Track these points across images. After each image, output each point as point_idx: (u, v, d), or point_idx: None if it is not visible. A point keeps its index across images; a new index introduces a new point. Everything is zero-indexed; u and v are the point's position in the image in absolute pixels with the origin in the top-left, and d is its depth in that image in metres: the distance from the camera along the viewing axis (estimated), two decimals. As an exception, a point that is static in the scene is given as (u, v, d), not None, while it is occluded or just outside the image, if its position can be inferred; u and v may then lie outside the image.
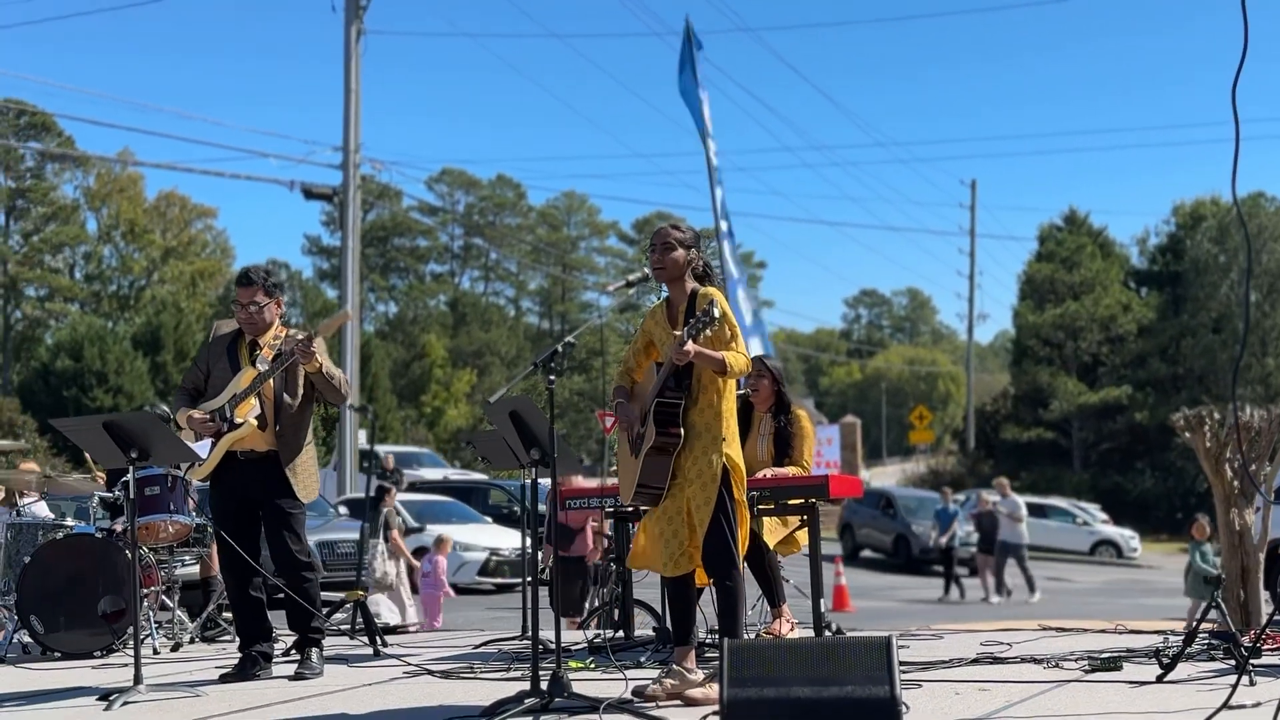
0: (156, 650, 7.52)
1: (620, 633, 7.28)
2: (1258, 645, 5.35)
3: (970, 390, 55.23)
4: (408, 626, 11.05)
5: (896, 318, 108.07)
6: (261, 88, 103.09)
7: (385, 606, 10.32)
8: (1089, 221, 52.83)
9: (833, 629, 6.78)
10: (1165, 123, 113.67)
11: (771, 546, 6.78)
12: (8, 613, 7.84)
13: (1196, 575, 13.98)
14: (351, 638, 8.03)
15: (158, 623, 7.95)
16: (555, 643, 5.14)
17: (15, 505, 8.92)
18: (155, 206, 59.54)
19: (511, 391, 5.68)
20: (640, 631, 7.49)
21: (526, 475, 5.89)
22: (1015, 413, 50.27)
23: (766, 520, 6.69)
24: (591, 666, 6.19)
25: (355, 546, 13.91)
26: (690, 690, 5.07)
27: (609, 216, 78.01)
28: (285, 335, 6.30)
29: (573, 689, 4.94)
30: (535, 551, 6.31)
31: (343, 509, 19.67)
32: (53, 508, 9.25)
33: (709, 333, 5.07)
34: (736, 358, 5.14)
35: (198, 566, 8.97)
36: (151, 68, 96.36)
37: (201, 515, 7.94)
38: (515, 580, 17.99)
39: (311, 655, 6.29)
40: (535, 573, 6.25)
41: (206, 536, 8.38)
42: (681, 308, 5.32)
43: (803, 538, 6.88)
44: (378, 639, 7.46)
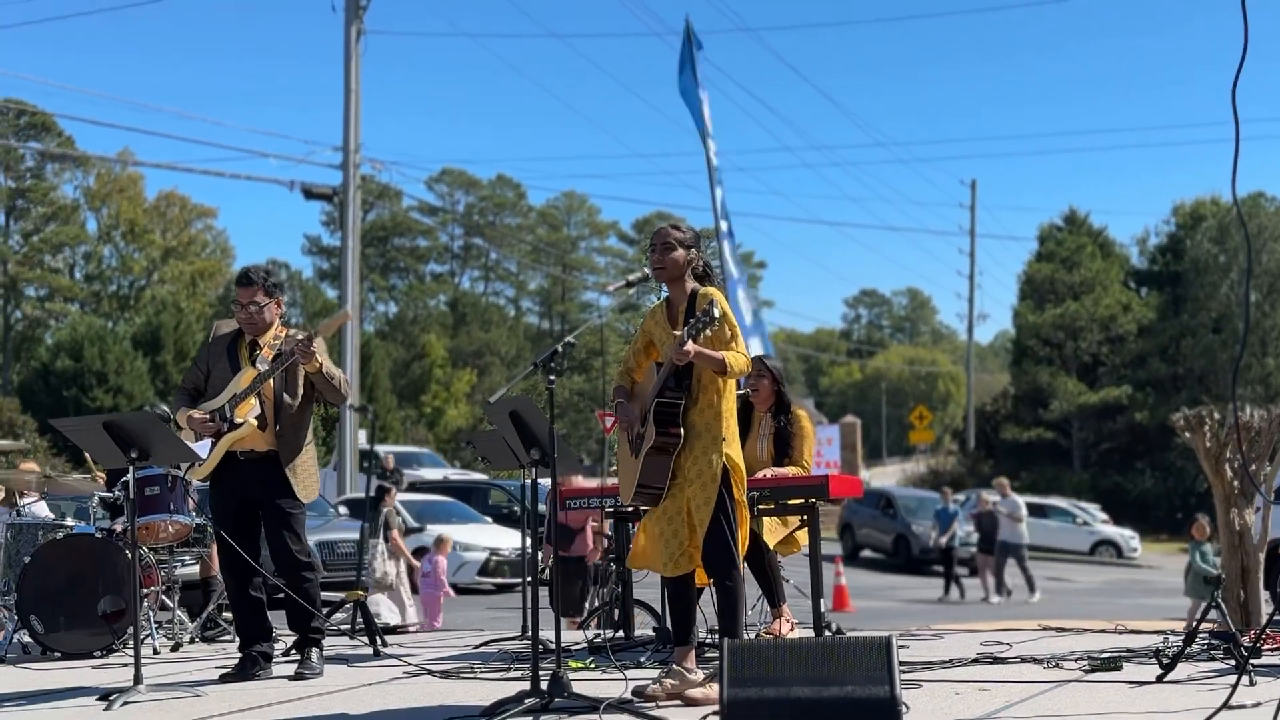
0: (156, 650, 7.52)
1: (620, 633, 7.28)
2: (1258, 645, 5.35)
3: (970, 390, 55.24)
4: (408, 626, 11.05)
5: (896, 318, 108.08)
6: (261, 88, 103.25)
7: (385, 606, 10.32)
8: (1089, 221, 52.85)
9: (833, 629, 6.78)
10: (1165, 123, 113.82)
11: (771, 546, 6.78)
12: (8, 613, 7.84)
13: (1197, 575, 13.98)
14: (351, 638, 8.03)
15: (158, 623, 7.95)
16: (555, 643, 5.14)
17: (15, 505, 8.93)
18: (155, 206, 59.57)
19: (511, 391, 5.68)
20: (640, 631, 7.49)
21: (526, 475, 5.88)
22: (1015, 413, 50.28)
23: (766, 520, 6.69)
24: (591, 666, 6.19)
25: (355, 546, 13.92)
26: (690, 690, 5.06)
27: (609, 216, 78.13)
28: (285, 335, 6.30)
29: (573, 689, 4.94)
30: (535, 551, 6.31)
31: (343, 509, 19.68)
32: (53, 508, 9.25)
33: (709, 333, 5.07)
34: (736, 358, 5.14)
35: (198, 566, 8.97)
36: (151, 68, 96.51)
37: (201, 515, 7.94)
38: (515, 580, 17.99)
39: (311, 655, 6.29)
40: (535, 573, 6.25)
41: (206, 536, 8.38)
42: (681, 308, 5.32)
43: (803, 538, 6.88)
44: (378, 639, 7.46)
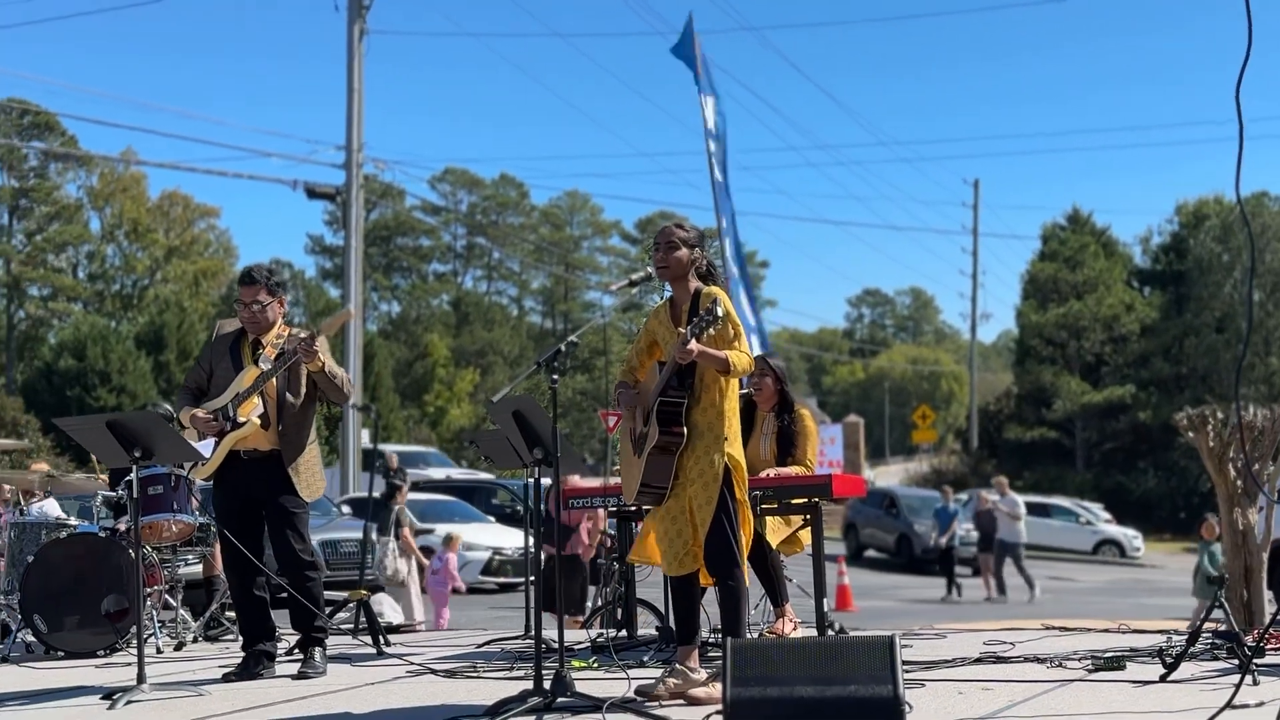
0: (160, 649, 7.53)
1: (623, 632, 7.28)
2: (1261, 645, 5.34)
3: (973, 390, 55.21)
4: (414, 625, 11.04)
5: (900, 317, 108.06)
6: (264, 87, 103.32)
7: (388, 606, 10.29)
8: (1092, 221, 52.79)
9: (835, 628, 6.77)
10: (1168, 121, 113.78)
11: (775, 546, 6.77)
12: (12, 612, 7.84)
13: (1205, 575, 13.96)
14: (354, 637, 8.03)
15: (161, 622, 7.95)
16: (558, 642, 5.14)
17: (19, 505, 8.93)
18: (158, 206, 59.61)
19: (514, 391, 5.68)
20: (643, 631, 7.48)
21: (529, 475, 5.88)
22: (1018, 412, 50.24)
23: (769, 519, 6.69)
24: (594, 666, 6.19)
25: (358, 545, 13.95)
26: (693, 689, 5.06)
27: (612, 215, 78.15)
28: (288, 334, 6.30)
29: (576, 688, 4.94)
30: (539, 551, 6.31)
31: (346, 508, 19.69)
32: (63, 506, 9.24)
33: (712, 331, 5.07)
34: (740, 357, 5.14)
35: (201, 566, 8.97)
36: (155, 67, 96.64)
37: (205, 514, 7.94)
38: (518, 579, 18.01)
39: (315, 654, 6.29)
40: (539, 572, 6.25)
41: (209, 535, 8.38)
42: (685, 307, 5.32)
43: (805, 537, 6.88)
44: (380, 638, 7.46)
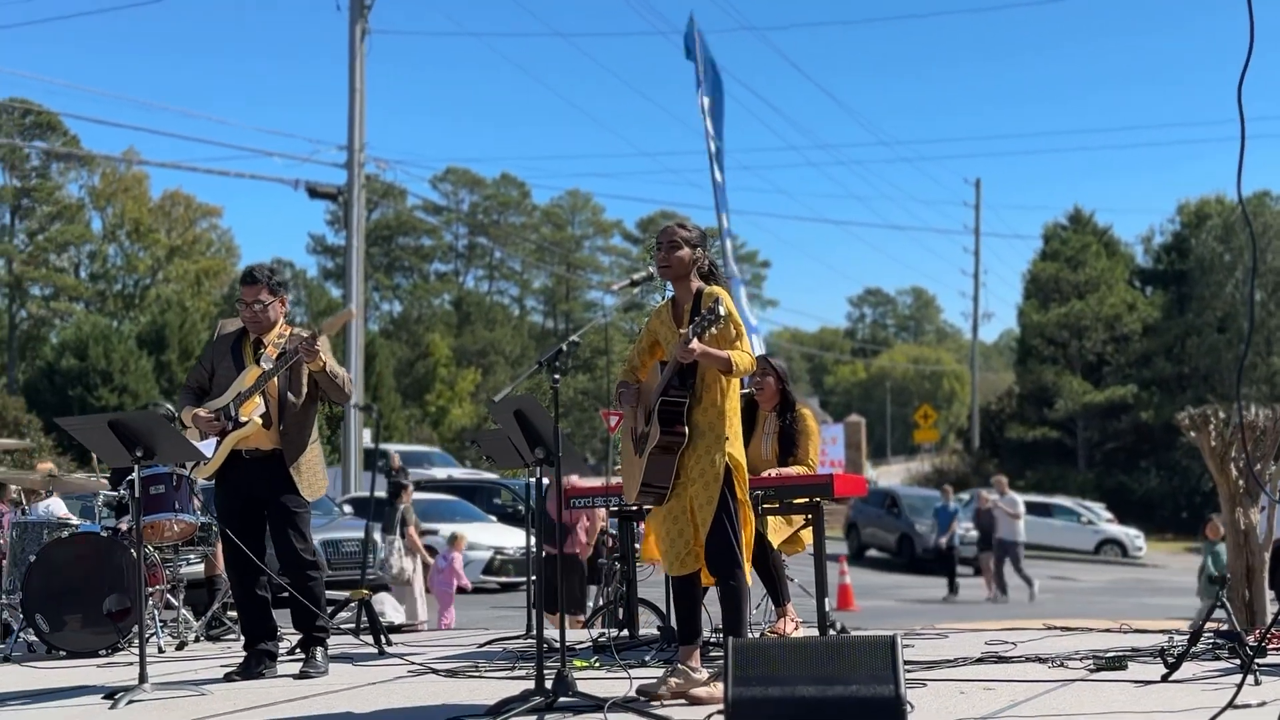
0: (161, 649, 7.53)
1: (625, 632, 7.28)
2: (1263, 645, 5.34)
3: (975, 389, 55.19)
4: (416, 625, 11.04)
5: (901, 316, 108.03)
6: (266, 87, 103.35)
7: (390, 605, 10.30)
8: (1094, 220, 52.78)
9: (837, 628, 6.77)
10: (1170, 121, 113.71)
11: (776, 546, 6.77)
12: (13, 611, 7.84)
13: (1207, 575, 13.95)
14: (356, 637, 8.03)
15: (163, 621, 7.96)
16: (560, 642, 5.14)
17: (21, 505, 8.94)
18: (160, 205, 59.64)
19: (516, 390, 5.68)
20: (645, 630, 7.48)
21: (530, 474, 5.88)
22: (1020, 412, 50.23)
23: (771, 519, 6.69)
24: (596, 665, 6.19)
25: (360, 545, 13.96)
26: (695, 689, 5.06)
27: (613, 215, 78.22)
28: (289, 334, 6.30)
29: (577, 688, 4.94)
30: (540, 551, 6.31)
31: (347, 508, 19.71)
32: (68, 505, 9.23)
33: (714, 331, 5.07)
34: (742, 356, 5.14)
35: (202, 565, 8.97)
36: (156, 67, 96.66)
37: (206, 514, 7.94)
38: (520, 579, 18.02)
39: (316, 654, 6.29)
40: (541, 572, 6.25)
41: (211, 535, 8.38)
42: (687, 307, 5.31)
43: (807, 536, 6.88)
44: (382, 638, 7.46)
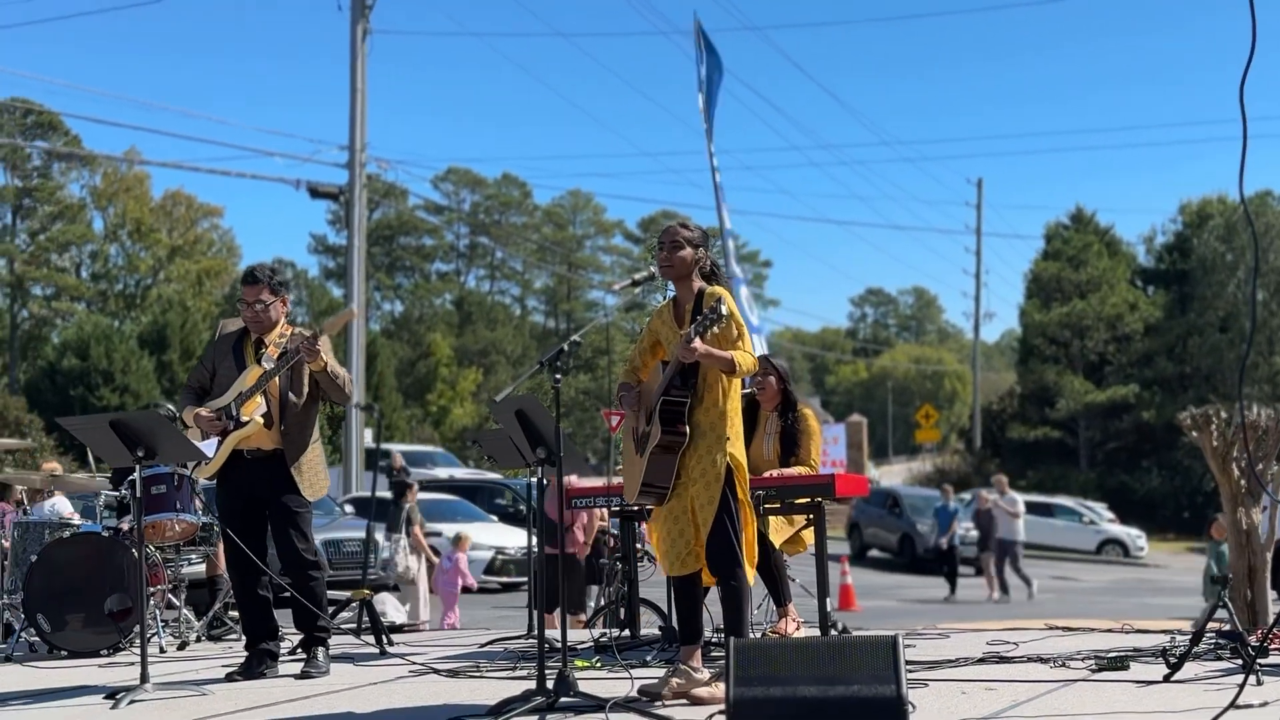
0: (163, 649, 7.53)
1: (626, 632, 7.28)
2: (1265, 645, 5.33)
3: (976, 389, 55.16)
4: (418, 625, 11.02)
5: (903, 316, 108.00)
6: (268, 87, 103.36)
7: (391, 605, 10.29)
8: (1096, 220, 52.75)
9: (838, 628, 6.77)
10: (1172, 121, 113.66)
11: (778, 546, 6.77)
12: (15, 611, 7.85)
13: (1210, 575, 13.96)
14: (357, 636, 8.03)
15: (164, 621, 7.96)
16: (561, 641, 5.13)
17: (23, 504, 8.94)
18: (161, 205, 59.65)
19: (517, 390, 5.68)
20: (646, 630, 7.48)
21: (531, 474, 5.87)
22: (1022, 411, 50.20)
23: (772, 519, 6.68)
24: (597, 665, 6.19)
25: (362, 545, 13.97)
26: (696, 689, 5.06)
27: (614, 215, 78.26)
28: (291, 334, 6.30)
29: (579, 688, 4.94)
30: (542, 551, 6.31)
31: (349, 508, 19.71)
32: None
33: (716, 330, 5.06)
34: (744, 356, 5.13)
35: (204, 565, 8.97)
36: (158, 67, 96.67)
37: (208, 514, 7.94)
38: (521, 579, 18.02)
39: (317, 654, 6.29)
40: (543, 572, 6.25)
41: (213, 535, 8.38)
42: (688, 306, 5.31)
43: (808, 536, 6.87)
44: (383, 638, 7.46)
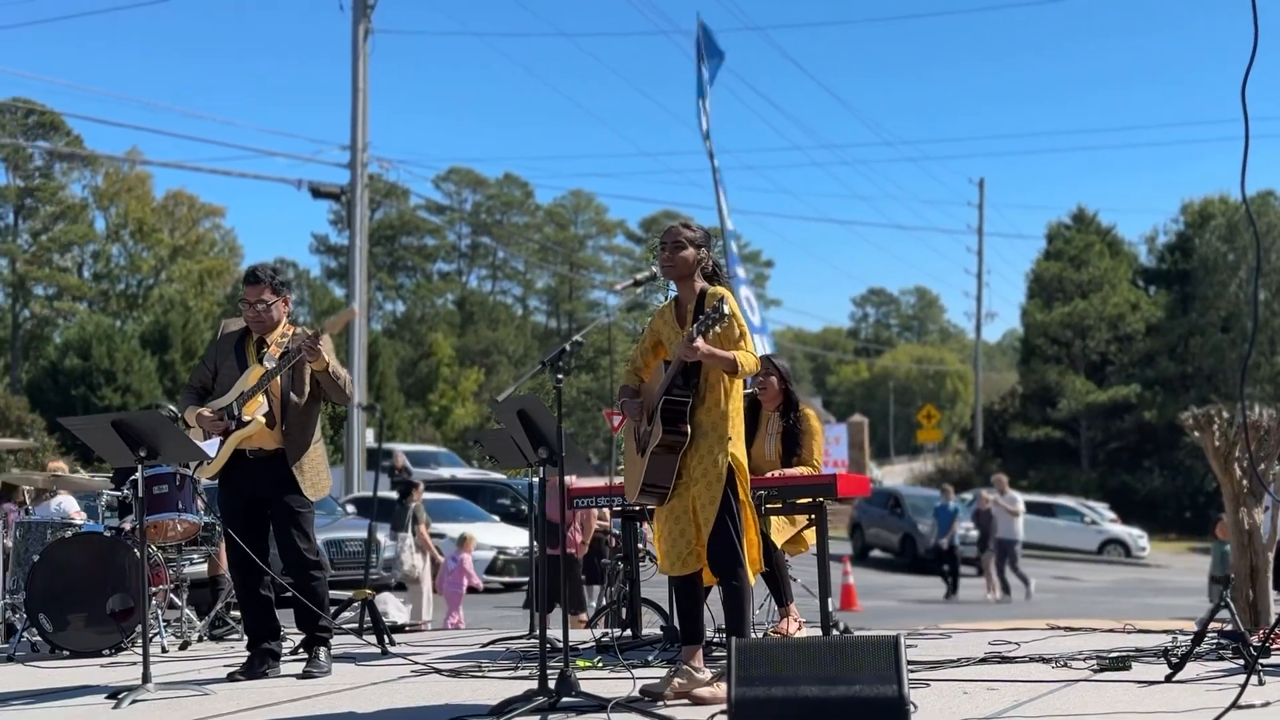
0: (165, 649, 7.53)
1: (628, 631, 7.27)
2: (1267, 645, 5.33)
3: (978, 389, 55.13)
4: (420, 625, 11.02)
5: (904, 316, 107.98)
6: (269, 87, 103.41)
7: (393, 605, 10.29)
8: (1097, 220, 52.75)
9: (840, 628, 6.77)
10: (1174, 120, 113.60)
11: (779, 546, 6.77)
12: (17, 611, 7.85)
13: (1212, 575, 13.96)
14: (359, 636, 8.03)
15: (166, 621, 7.96)
16: (563, 642, 5.13)
17: (25, 505, 8.95)
18: (163, 205, 59.67)
19: (519, 390, 5.68)
20: (648, 630, 7.48)
21: (533, 474, 5.87)
22: (1023, 411, 50.19)
23: (774, 519, 6.68)
24: (599, 665, 6.19)
25: (363, 545, 13.98)
26: (698, 689, 5.06)
27: (616, 215, 78.31)
28: (292, 334, 6.30)
29: (580, 688, 4.94)
30: (544, 551, 6.31)
31: (350, 507, 19.71)
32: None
33: (718, 330, 5.07)
34: (746, 357, 5.13)
35: (206, 565, 8.97)
36: (160, 67, 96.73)
37: (210, 514, 7.95)
38: (523, 579, 18.01)
39: (319, 654, 6.29)
40: (544, 572, 6.25)
41: (215, 535, 8.38)
42: (690, 306, 5.31)
43: (810, 537, 6.87)
44: (385, 638, 7.46)
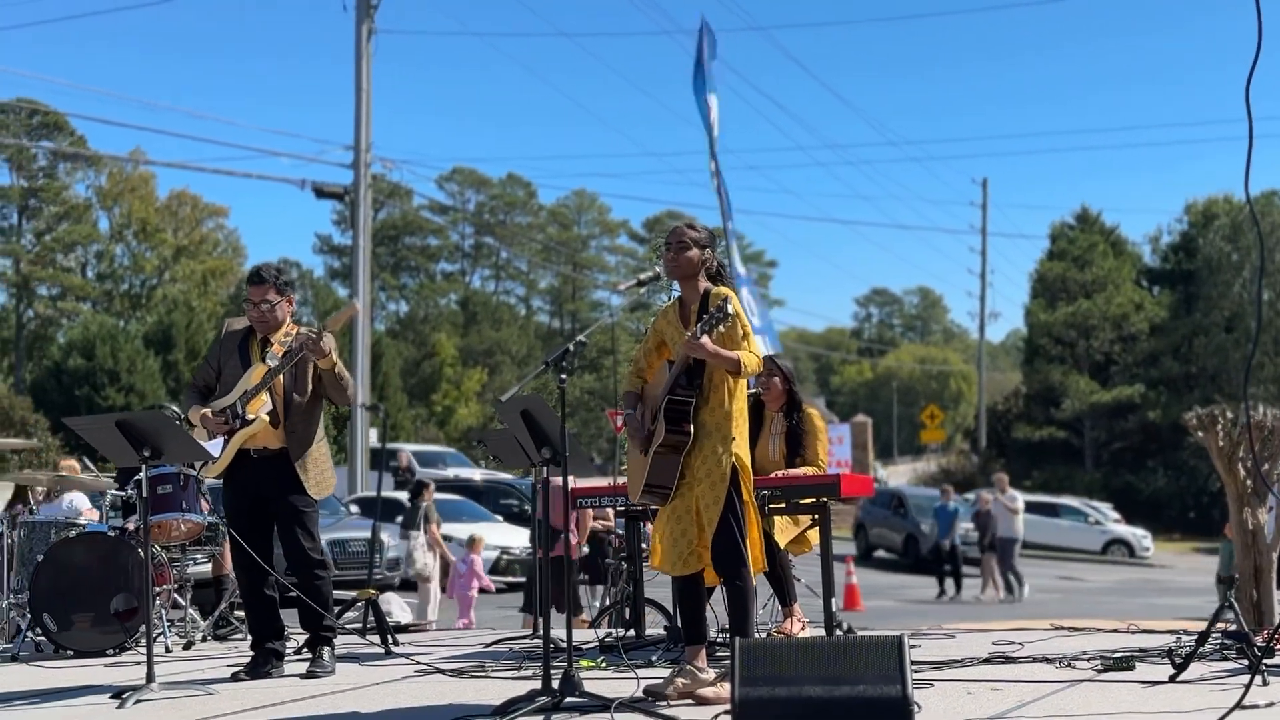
0: (169, 648, 7.54)
1: (632, 632, 7.27)
2: (1271, 645, 5.33)
3: (982, 389, 55.08)
4: (424, 625, 11.03)
5: (908, 316, 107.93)
6: (273, 87, 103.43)
7: (396, 605, 10.30)
8: (1101, 220, 52.71)
9: (844, 628, 6.77)
10: (1178, 120, 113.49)
11: (783, 546, 6.77)
12: (21, 611, 7.86)
13: (1218, 576, 13.95)
14: (363, 636, 8.04)
15: (170, 621, 7.96)
16: (566, 641, 5.14)
17: (29, 505, 8.96)
18: (167, 205, 59.73)
19: (523, 390, 5.68)
20: (651, 630, 7.48)
21: (537, 474, 5.87)
22: (1027, 412, 50.18)
23: (778, 519, 6.68)
24: (603, 665, 6.18)
25: (367, 545, 14.01)
26: (702, 689, 5.06)
27: (619, 215, 78.20)
28: (296, 333, 6.30)
29: (584, 688, 4.94)
30: (548, 552, 6.31)
31: (354, 507, 19.73)
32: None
33: (722, 329, 5.07)
34: (749, 357, 5.14)
35: (210, 565, 8.98)
36: (163, 67, 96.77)
37: (214, 513, 7.95)
38: (525, 579, 18.03)
39: (323, 654, 6.30)
40: (547, 572, 6.25)
41: (219, 535, 8.39)
42: (694, 307, 5.31)
43: (814, 537, 6.87)
44: (389, 638, 7.47)
